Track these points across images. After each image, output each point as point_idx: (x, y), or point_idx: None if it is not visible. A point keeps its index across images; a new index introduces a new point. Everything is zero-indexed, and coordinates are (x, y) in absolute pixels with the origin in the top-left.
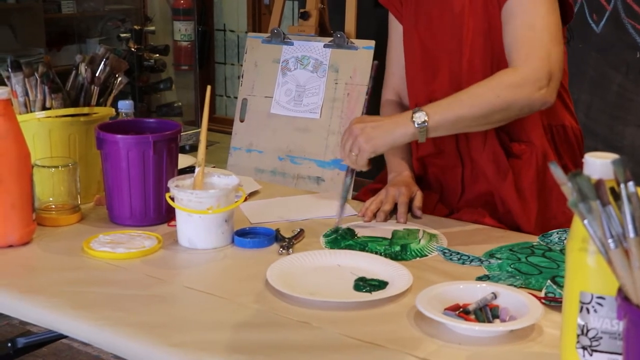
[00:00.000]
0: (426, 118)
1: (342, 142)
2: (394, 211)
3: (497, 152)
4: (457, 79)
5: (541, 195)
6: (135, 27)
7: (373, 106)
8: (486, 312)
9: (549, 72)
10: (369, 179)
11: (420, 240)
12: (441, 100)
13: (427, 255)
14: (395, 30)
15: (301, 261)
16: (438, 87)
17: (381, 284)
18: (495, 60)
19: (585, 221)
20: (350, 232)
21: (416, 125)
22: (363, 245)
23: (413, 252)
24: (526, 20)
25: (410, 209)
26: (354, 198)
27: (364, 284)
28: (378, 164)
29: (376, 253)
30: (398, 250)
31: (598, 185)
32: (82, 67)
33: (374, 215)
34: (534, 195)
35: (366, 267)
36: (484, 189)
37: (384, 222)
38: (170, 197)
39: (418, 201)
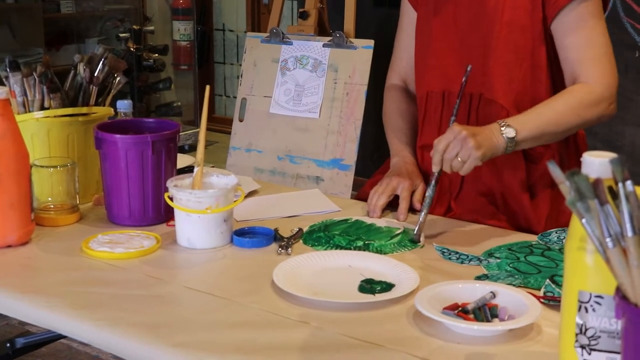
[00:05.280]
0: (515, 134)
1: (442, 147)
2: (394, 205)
3: (515, 154)
4: (476, 73)
5: (555, 200)
6: (135, 27)
7: (372, 103)
8: (485, 312)
9: (615, 86)
10: (366, 178)
11: (391, 238)
12: (525, 115)
13: (387, 254)
14: (408, 15)
15: (310, 261)
16: (454, 78)
17: (387, 287)
18: (526, 56)
19: (584, 220)
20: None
21: (506, 139)
22: (330, 237)
23: (374, 250)
24: (590, 36)
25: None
26: (356, 197)
27: (369, 286)
28: (377, 160)
29: (339, 246)
30: (360, 245)
31: (596, 184)
32: (81, 67)
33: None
34: (547, 198)
35: (376, 269)
36: (485, 188)
37: (379, 217)
38: (169, 196)
39: (419, 194)
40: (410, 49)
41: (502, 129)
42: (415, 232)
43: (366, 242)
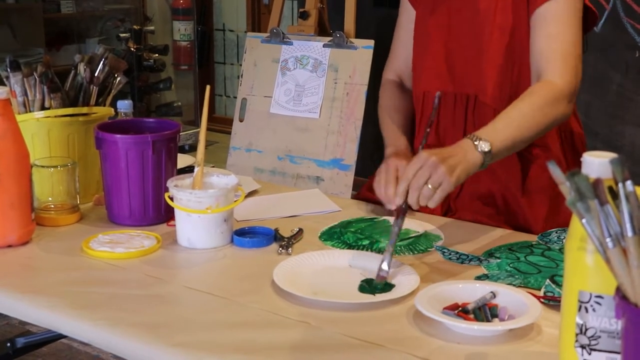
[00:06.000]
0: (490, 147)
1: (411, 175)
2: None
3: (511, 157)
4: (471, 75)
5: (553, 200)
6: (135, 27)
7: (372, 103)
8: (485, 312)
9: (576, 86)
10: (367, 178)
11: (401, 240)
12: (494, 124)
13: (405, 253)
14: (407, 13)
15: (310, 261)
16: (450, 79)
17: (387, 287)
18: (517, 59)
19: (584, 220)
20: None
21: (482, 154)
22: (342, 234)
23: (377, 250)
24: (559, 31)
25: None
26: (355, 197)
27: (369, 286)
28: (377, 160)
29: (346, 242)
30: (366, 244)
31: (596, 184)
32: (81, 67)
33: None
34: (544, 198)
35: (376, 269)
36: (485, 189)
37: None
38: (169, 196)
39: None
40: (408, 46)
41: (476, 143)
42: (382, 266)
43: (372, 242)
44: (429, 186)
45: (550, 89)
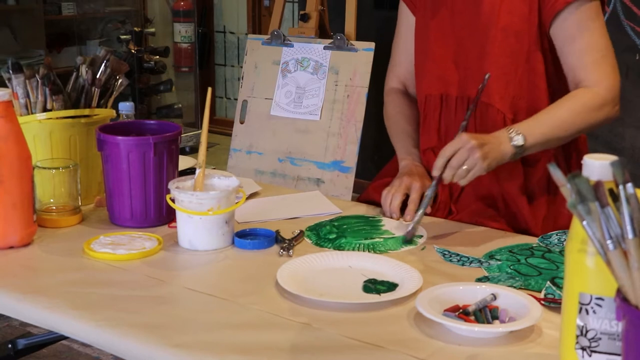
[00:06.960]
0: (523, 142)
1: (449, 154)
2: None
3: None
4: (474, 77)
5: (552, 202)
6: (136, 28)
7: (373, 105)
8: (486, 313)
9: (618, 88)
10: (367, 180)
11: (365, 239)
12: (530, 121)
13: (363, 251)
14: (406, 19)
15: (311, 263)
16: (452, 82)
17: (392, 286)
18: (521, 61)
19: (584, 222)
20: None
21: (515, 148)
22: (322, 226)
23: (337, 246)
24: (589, 41)
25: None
26: (359, 200)
27: (374, 286)
28: (377, 162)
29: (318, 235)
30: (332, 238)
31: (597, 186)
32: (83, 69)
33: (401, 211)
34: (543, 201)
35: (377, 269)
36: (485, 190)
37: (399, 219)
38: (170, 198)
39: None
40: (409, 53)
41: (511, 136)
42: (408, 230)
43: (337, 237)
44: (464, 167)
45: (592, 96)
